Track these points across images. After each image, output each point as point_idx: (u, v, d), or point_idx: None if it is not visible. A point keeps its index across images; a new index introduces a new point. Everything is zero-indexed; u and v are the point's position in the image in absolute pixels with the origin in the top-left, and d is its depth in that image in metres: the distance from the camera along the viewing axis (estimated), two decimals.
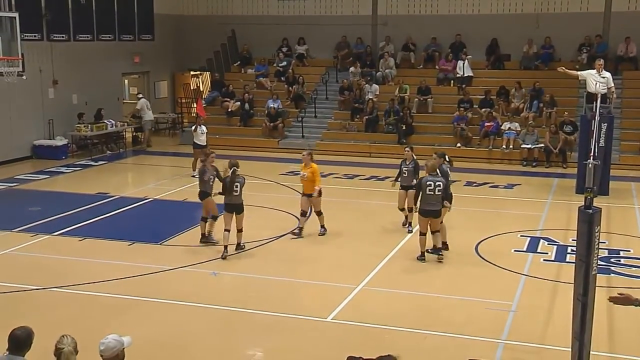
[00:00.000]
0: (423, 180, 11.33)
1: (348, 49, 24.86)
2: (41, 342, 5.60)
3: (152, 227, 13.74)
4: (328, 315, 9.25)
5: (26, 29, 16.31)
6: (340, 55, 24.75)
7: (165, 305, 9.60)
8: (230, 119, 23.39)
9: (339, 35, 24.77)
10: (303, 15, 25.06)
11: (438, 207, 11.25)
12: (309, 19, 24.92)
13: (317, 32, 24.87)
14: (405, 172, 12.86)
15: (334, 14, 24.82)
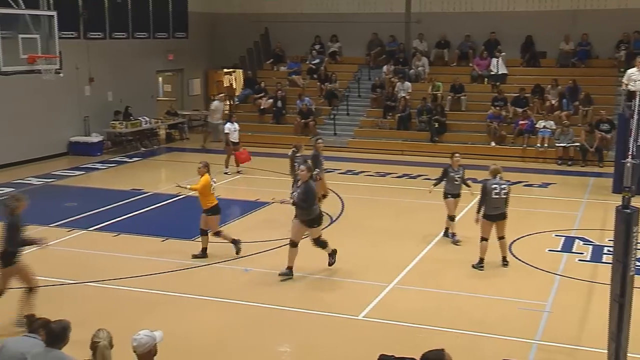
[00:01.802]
0: (488, 183, 10.93)
1: (381, 47, 24.77)
2: (77, 335, 5.69)
3: (185, 223, 13.83)
4: (360, 313, 9.24)
5: (64, 28, 16.54)
6: (373, 53, 24.67)
7: (197, 301, 9.68)
8: (262, 117, 23.48)
9: (372, 32, 24.69)
10: (336, 12, 25.03)
11: (503, 209, 10.94)
12: (342, 16, 24.88)
13: (350, 30, 24.83)
14: (457, 180, 12.18)
15: (367, 12, 24.72)
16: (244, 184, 17.56)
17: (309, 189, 10.23)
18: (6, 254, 8.46)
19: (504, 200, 10.91)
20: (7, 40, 13.81)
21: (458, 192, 12.29)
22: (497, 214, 10.95)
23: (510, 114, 21.27)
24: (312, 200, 10.25)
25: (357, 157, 20.61)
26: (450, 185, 12.29)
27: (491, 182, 10.94)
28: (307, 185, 10.27)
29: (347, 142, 21.90)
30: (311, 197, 10.22)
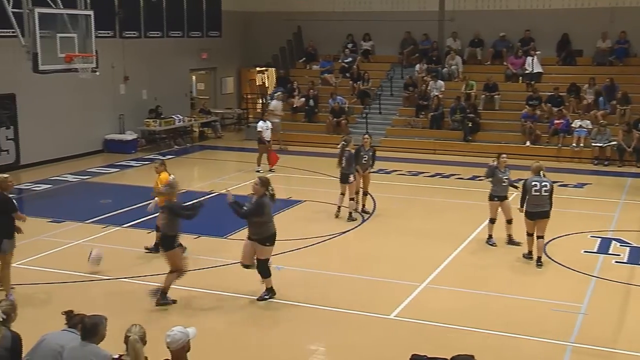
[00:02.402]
0: (528, 181, 10.96)
1: (414, 45, 24.64)
2: (111, 330, 5.76)
3: (218, 221, 13.92)
4: (391, 313, 9.20)
5: (100, 27, 16.76)
6: (406, 52, 24.56)
7: (230, 298, 9.73)
8: (294, 115, 23.52)
9: (405, 31, 24.58)
10: (369, 11, 24.97)
11: (546, 208, 10.89)
12: (374, 14, 24.80)
13: (383, 28, 24.74)
14: (504, 182, 11.85)
15: (400, 10, 24.61)
16: (276, 182, 17.47)
17: (260, 204, 9.40)
18: (167, 239, 9.38)
19: (545, 198, 10.84)
20: (45, 39, 14.04)
21: (505, 195, 11.92)
22: (537, 212, 10.89)
23: (545, 113, 21.00)
24: (261, 215, 9.39)
25: (389, 156, 20.49)
26: (497, 187, 11.92)
27: (531, 179, 10.92)
28: (259, 200, 9.42)
29: (379, 141, 21.78)
30: (261, 213, 9.39)
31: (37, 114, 18.36)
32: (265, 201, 9.46)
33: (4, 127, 17.70)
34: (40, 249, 11.06)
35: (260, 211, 9.39)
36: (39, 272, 10.17)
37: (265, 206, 9.42)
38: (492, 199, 11.98)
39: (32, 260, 10.87)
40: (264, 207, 9.41)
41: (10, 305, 6.08)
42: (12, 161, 18.03)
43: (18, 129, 17.97)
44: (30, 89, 17.73)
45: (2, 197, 9.23)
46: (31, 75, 14.76)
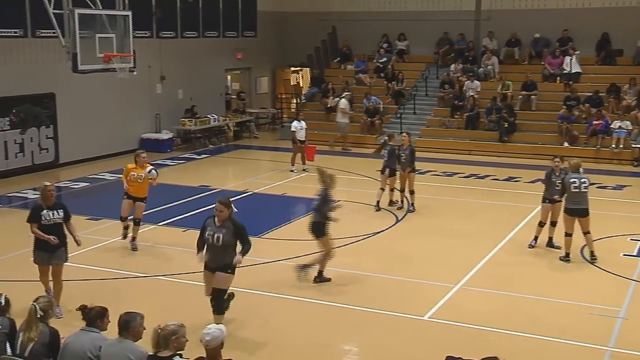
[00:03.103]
0: (567, 178, 10.96)
1: (449, 45, 24.46)
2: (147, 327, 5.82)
3: (251, 220, 13.94)
4: (426, 314, 9.14)
5: (138, 27, 16.96)
6: (441, 51, 24.38)
7: (263, 297, 9.75)
8: (329, 115, 23.52)
9: (441, 31, 24.41)
10: (404, 11, 24.85)
11: (585, 205, 10.90)
12: (410, 14, 24.67)
13: (418, 28, 24.60)
14: (558, 185, 11.49)
15: (435, 10, 24.45)
16: (310, 182, 17.54)
17: (239, 226, 8.22)
18: (320, 225, 10.05)
19: (584, 195, 10.86)
20: (84, 39, 14.26)
21: (558, 198, 11.58)
22: (577, 209, 10.88)
23: (583, 113, 20.65)
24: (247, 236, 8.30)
25: (424, 156, 20.32)
26: (550, 190, 11.63)
27: (570, 176, 10.91)
28: (234, 222, 8.22)
29: (414, 141, 21.68)
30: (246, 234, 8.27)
31: (76, 113, 18.66)
32: (237, 224, 8.20)
33: (44, 126, 18.02)
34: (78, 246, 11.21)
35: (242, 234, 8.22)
36: (77, 268, 10.30)
37: (241, 228, 8.23)
38: (544, 202, 11.75)
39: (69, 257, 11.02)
40: (241, 229, 8.23)
41: (48, 302, 6.18)
42: (51, 159, 18.36)
43: (57, 128, 18.28)
44: (69, 89, 18.03)
45: (62, 205, 9.22)
46: (70, 75, 15.00)
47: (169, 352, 5.39)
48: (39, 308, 6.00)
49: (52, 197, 9.02)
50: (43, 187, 9.08)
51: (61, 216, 8.98)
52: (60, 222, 8.99)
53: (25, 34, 17.12)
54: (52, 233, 8.83)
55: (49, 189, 9.01)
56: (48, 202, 8.93)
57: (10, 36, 16.86)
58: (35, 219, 8.87)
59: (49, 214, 8.86)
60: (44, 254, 8.91)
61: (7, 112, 17.04)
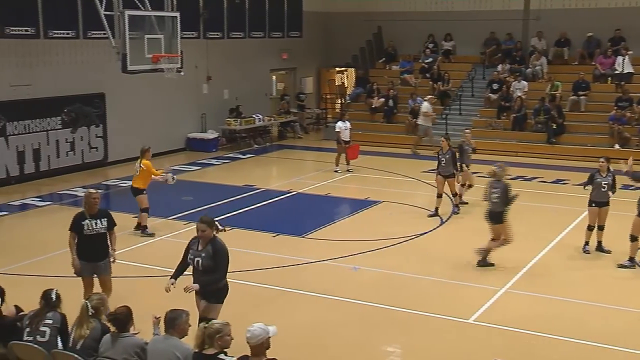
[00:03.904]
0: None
1: (496, 45, 24.13)
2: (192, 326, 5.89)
3: (296, 220, 14.06)
4: (470, 317, 9.02)
5: (185, 28, 17.19)
6: (488, 52, 24.08)
7: (306, 297, 9.77)
8: (373, 115, 23.45)
9: (488, 30, 24.11)
10: (451, 10, 24.62)
11: None
12: (456, 14, 24.44)
13: (465, 28, 24.34)
14: (604, 187, 11.33)
15: (483, 9, 24.16)
16: (354, 182, 17.60)
17: (218, 251, 7.26)
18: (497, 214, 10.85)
19: None
20: (134, 40, 14.51)
21: (604, 200, 11.38)
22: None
23: (635, 115, 20.14)
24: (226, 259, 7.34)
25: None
26: (596, 192, 11.40)
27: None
28: (214, 245, 7.29)
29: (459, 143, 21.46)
30: (223, 254, 7.30)
31: (124, 112, 18.99)
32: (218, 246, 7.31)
33: (94, 125, 18.40)
34: (125, 243, 11.36)
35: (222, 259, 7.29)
36: (123, 266, 10.47)
37: (222, 252, 7.30)
38: (591, 205, 11.51)
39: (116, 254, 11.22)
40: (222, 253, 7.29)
41: (100, 300, 6.31)
42: (100, 158, 18.74)
43: (106, 127, 18.64)
44: (118, 89, 18.37)
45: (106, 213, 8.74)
46: (119, 75, 15.26)
47: (214, 350, 5.44)
48: (90, 306, 6.13)
49: (97, 205, 8.53)
50: (87, 194, 8.65)
51: (104, 225, 8.51)
52: (103, 232, 8.50)
53: (77, 35, 17.51)
54: (94, 244, 8.42)
55: (94, 196, 8.54)
56: (92, 210, 8.47)
57: (63, 37, 17.26)
58: (76, 229, 8.42)
59: (91, 223, 8.40)
60: (86, 264, 8.44)
61: (59, 111, 17.44)
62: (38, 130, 16.97)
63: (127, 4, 14.77)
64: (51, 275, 9.76)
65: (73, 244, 8.43)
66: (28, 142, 16.75)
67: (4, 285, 6.78)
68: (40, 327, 6.23)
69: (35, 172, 16.94)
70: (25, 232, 13.20)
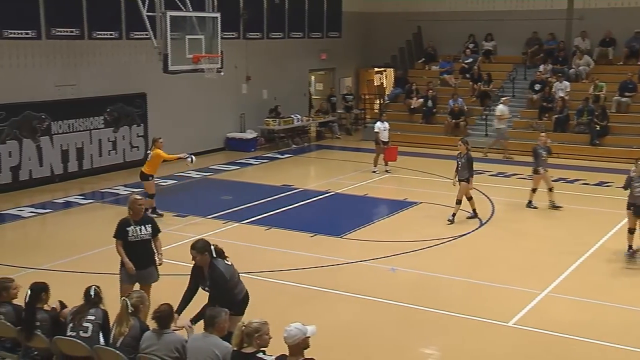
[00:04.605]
0: None
1: (539, 45, 23.78)
2: None
3: (333, 220, 14.06)
4: (510, 320, 8.91)
5: (225, 28, 17.35)
6: (530, 52, 23.75)
7: (343, 298, 9.76)
8: (412, 116, 23.33)
9: (530, 30, 23.80)
10: (492, 10, 24.36)
11: None
12: (497, 14, 24.17)
13: (506, 28, 24.06)
14: (637, 191, 11.05)
15: (525, 9, 23.84)
16: (392, 183, 17.53)
17: (213, 280, 7.01)
18: None
19: None
20: (175, 41, 14.70)
21: None
22: None
23: None
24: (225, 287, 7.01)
25: (509, 159, 19.95)
26: (631, 195, 11.20)
27: None
28: (211, 273, 7.03)
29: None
30: (222, 282, 7.00)
31: (165, 112, 19.22)
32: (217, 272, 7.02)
33: (135, 125, 18.67)
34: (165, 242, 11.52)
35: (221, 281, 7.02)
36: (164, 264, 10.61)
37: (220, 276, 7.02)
38: (629, 208, 11.28)
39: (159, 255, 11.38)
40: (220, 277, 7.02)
41: (139, 298, 6.39)
42: (141, 157, 18.97)
43: (147, 127, 18.90)
44: (159, 89, 18.60)
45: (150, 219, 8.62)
46: (161, 76, 15.50)
47: (253, 349, 5.47)
48: (130, 303, 6.22)
49: (142, 211, 8.30)
50: (132, 199, 8.31)
51: (149, 232, 8.26)
52: (148, 239, 8.27)
53: (120, 35, 17.81)
54: (138, 250, 8.19)
55: (139, 202, 8.29)
56: (136, 216, 8.22)
57: (106, 38, 17.56)
58: (121, 236, 8.18)
59: (136, 229, 8.18)
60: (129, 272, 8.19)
61: (102, 111, 17.75)
62: (81, 130, 17.30)
63: (169, 4, 14.97)
64: (94, 272, 9.93)
65: (122, 250, 8.20)
66: (72, 141, 17.08)
67: (48, 281, 6.91)
68: (83, 323, 6.34)
69: (79, 170, 17.27)
70: (69, 229, 13.48)
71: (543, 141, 14.51)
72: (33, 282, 6.82)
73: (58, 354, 6.43)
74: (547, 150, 14.46)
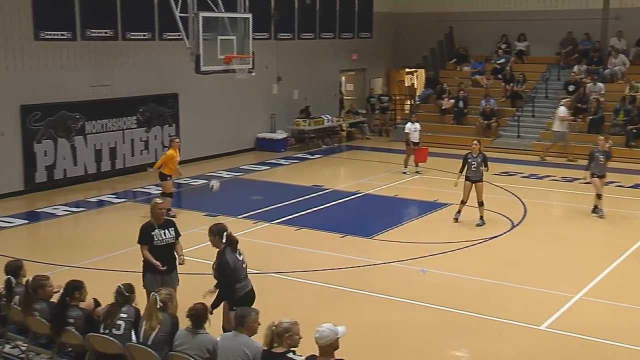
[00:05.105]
0: None
1: (573, 45, 23.44)
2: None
3: (363, 221, 14.01)
4: (542, 323, 8.79)
5: (257, 29, 17.42)
6: (564, 52, 23.42)
7: (373, 299, 9.73)
8: (443, 117, 23.18)
9: (564, 30, 23.47)
10: (525, 10, 24.08)
11: None
12: (531, 14, 23.89)
13: (540, 28, 23.76)
14: None
15: (559, 9, 23.52)
16: (423, 184, 17.42)
17: (219, 265, 7.36)
18: None
19: None
20: (207, 41, 14.80)
21: None
22: None
23: None
24: (227, 274, 7.28)
25: (542, 160, 19.71)
26: None
27: None
28: (219, 258, 7.38)
29: (532, 145, 20.99)
30: (225, 270, 7.27)
31: (196, 112, 19.36)
32: (224, 258, 7.35)
33: (167, 125, 18.84)
34: (195, 241, 11.59)
35: (226, 268, 7.29)
36: (194, 263, 10.68)
37: (225, 262, 7.30)
38: None
39: (187, 251, 11.44)
40: (225, 263, 7.31)
41: (168, 295, 6.44)
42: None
43: (179, 127, 19.05)
44: (191, 89, 18.75)
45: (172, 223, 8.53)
46: (192, 76, 15.60)
47: (283, 349, 5.48)
48: (159, 299, 6.27)
49: (163, 214, 8.32)
50: (153, 204, 8.33)
51: (173, 235, 8.27)
52: (172, 243, 8.27)
53: (153, 36, 17.99)
54: (163, 255, 8.12)
55: (160, 206, 8.30)
56: (159, 220, 8.22)
57: (140, 39, 17.74)
58: (146, 240, 8.15)
59: (160, 233, 8.16)
60: (157, 276, 8.10)
61: (134, 111, 17.94)
62: (114, 130, 17.50)
63: (201, 5, 15.07)
64: (126, 270, 10.03)
65: (149, 254, 8.14)
66: (105, 140, 17.29)
67: (82, 279, 7.00)
68: (116, 321, 6.41)
69: (111, 169, 17.47)
70: (102, 227, 13.65)
71: (602, 144, 13.99)
72: (68, 280, 6.91)
73: (91, 350, 6.51)
74: (606, 155, 13.91)
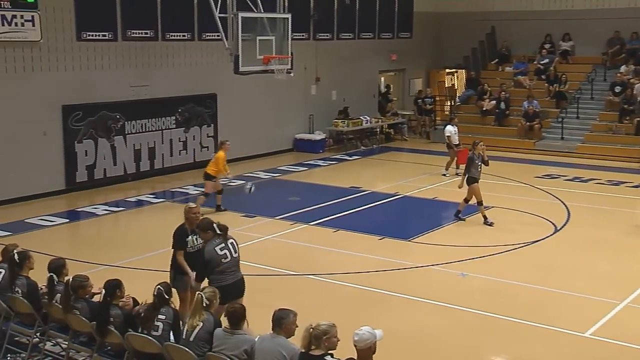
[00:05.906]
0: None
1: (620, 45, 22.86)
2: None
3: (402, 223, 13.85)
4: (586, 330, 8.52)
5: (296, 29, 17.37)
6: (611, 52, 22.86)
7: (411, 302, 9.58)
8: (484, 118, 22.83)
9: (611, 30, 22.89)
10: (570, 9, 23.60)
11: None
12: (576, 13, 23.39)
13: (585, 27, 23.23)
14: None
15: (606, 7, 22.98)
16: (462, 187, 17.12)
17: (201, 251, 7.55)
18: None
19: None
20: (245, 42, 14.80)
21: None
22: None
23: None
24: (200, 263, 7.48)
25: (586, 163, 19.25)
26: None
27: None
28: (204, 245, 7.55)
29: (576, 147, 20.53)
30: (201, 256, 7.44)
31: (235, 113, 19.39)
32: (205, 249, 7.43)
33: (205, 125, 18.91)
34: None
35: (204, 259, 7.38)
36: None
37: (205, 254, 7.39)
38: None
39: None
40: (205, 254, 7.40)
41: (213, 293, 6.42)
42: (211, 157, 19.20)
43: (217, 127, 19.11)
44: (229, 89, 18.78)
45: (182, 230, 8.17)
46: (231, 76, 15.62)
47: (321, 351, 5.39)
48: (205, 297, 6.25)
49: (197, 220, 7.94)
50: (187, 209, 8.14)
51: (202, 242, 7.83)
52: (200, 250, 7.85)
53: (192, 37, 18.08)
54: (193, 260, 7.83)
55: (194, 211, 8.08)
56: (192, 225, 7.96)
57: (179, 39, 17.85)
58: (181, 245, 7.97)
59: (193, 239, 7.95)
60: (182, 279, 7.92)
61: (173, 111, 18.05)
62: (153, 130, 17.62)
63: (240, 6, 15.08)
64: (164, 270, 10.05)
65: (184, 261, 7.93)
66: (144, 140, 17.42)
67: (121, 278, 7.00)
68: (155, 322, 6.41)
69: (150, 169, 17.59)
70: (140, 227, 13.74)
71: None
72: (107, 279, 6.92)
73: (130, 350, 6.51)
74: None
